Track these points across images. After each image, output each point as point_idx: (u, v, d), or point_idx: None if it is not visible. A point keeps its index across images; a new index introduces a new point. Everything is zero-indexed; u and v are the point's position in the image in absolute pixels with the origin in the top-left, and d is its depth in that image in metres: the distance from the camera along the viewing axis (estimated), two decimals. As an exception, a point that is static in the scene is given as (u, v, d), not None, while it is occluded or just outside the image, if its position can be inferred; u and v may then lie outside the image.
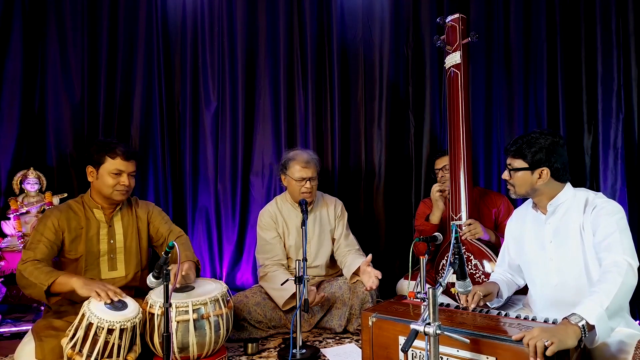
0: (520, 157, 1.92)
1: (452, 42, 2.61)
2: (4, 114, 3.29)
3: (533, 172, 1.90)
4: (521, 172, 1.92)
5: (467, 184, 2.55)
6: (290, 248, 2.86)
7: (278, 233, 2.85)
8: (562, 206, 1.92)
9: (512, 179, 1.96)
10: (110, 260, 2.29)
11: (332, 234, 2.95)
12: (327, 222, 2.93)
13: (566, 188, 1.94)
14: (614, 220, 1.77)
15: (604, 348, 1.68)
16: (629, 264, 1.66)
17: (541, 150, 1.88)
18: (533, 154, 1.89)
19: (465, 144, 2.55)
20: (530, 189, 1.93)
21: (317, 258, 2.89)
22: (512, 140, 1.99)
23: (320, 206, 2.94)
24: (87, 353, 1.83)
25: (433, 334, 1.42)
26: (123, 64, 3.48)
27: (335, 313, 2.70)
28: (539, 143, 1.89)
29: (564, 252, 1.90)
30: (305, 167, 2.74)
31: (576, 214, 1.88)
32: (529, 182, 1.92)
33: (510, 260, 2.16)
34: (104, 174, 2.22)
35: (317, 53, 3.56)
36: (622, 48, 2.99)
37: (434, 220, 2.73)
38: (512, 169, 1.95)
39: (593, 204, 1.85)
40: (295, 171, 2.74)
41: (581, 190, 1.95)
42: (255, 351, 2.41)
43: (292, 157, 2.79)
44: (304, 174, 2.73)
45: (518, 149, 1.92)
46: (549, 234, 1.95)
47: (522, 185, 1.94)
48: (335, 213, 2.96)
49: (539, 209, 2.00)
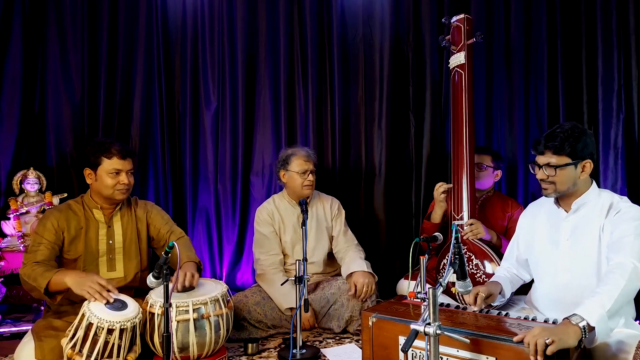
0: (562, 152, 1.82)
1: (457, 43, 2.60)
2: (4, 114, 3.28)
3: (577, 166, 1.84)
4: (565, 168, 1.83)
5: (469, 184, 2.54)
6: (286, 244, 2.89)
7: (275, 229, 2.88)
8: (586, 205, 1.90)
9: (556, 176, 1.85)
10: (109, 261, 2.28)
11: (329, 232, 2.97)
12: (323, 219, 2.96)
13: (592, 187, 1.91)
14: (634, 225, 1.75)
15: (605, 348, 1.68)
16: (634, 266, 1.65)
17: (583, 141, 1.82)
18: (576, 147, 1.81)
19: (468, 144, 2.55)
20: (572, 185, 1.86)
21: (314, 255, 2.91)
22: (547, 135, 1.87)
23: (316, 204, 2.98)
24: (87, 353, 1.83)
25: (433, 334, 1.42)
26: (123, 64, 3.48)
27: (334, 314, 2.70)
28: (578, 135, 1.82)
29: (579, 251, 1.88)
30: (307, 160, 2.83)
31: (598, 216, 1.86)
32: (572, 178, 1.85)
33: (518, 255, 2.14)
34: (103, 175, 2.21)
35: (317, 53, 3.55)
36: (622, 48, 2.98)
37: (435, 219, 2.72)
38: (554, 166, 1.84)
39: (617, 207, 1.82)
40: (298, 165, 2.81)
41: (605, 192, 1.93)
42: (255, 351, 2.40)
43: (293, 152, 2.87)
44: (307, 166, 2.81)
45: (561, 143, 1.81)
46: (566, 231, 1.92)
47: (564, 183, 1.86)
48: (332, 212, 3.00)
49: (562, 205, 1.96)
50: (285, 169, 2.85)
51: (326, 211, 2.99)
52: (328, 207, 3.00)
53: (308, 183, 2.80)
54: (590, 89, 3.08)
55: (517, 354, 1.51)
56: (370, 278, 2.65)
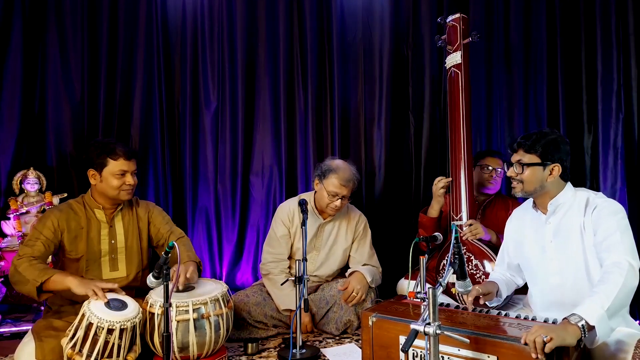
0: (533, 151, 1.89)
1: (453, 42, 2.61)
2: (4, 114, 3.28)
3: (545, 168, 1.88)
4: (533, 167, 1.89)
5: (468, 185, 2.55)
6: (298, 250, 2.77)
7: (289, 231, 2.76)
8: (563, 206, 1.92)
9: (523, 174, 1.91)
10: (112, 261, 2.29)
11: (346, 252, 2.84)
12: (343, 237, 2.81)
13: (567, 187, 1.93)
14: (615, 220, 1.77)
15: (604, 347, 1.68)
16: (630, 265, 1.66)
17: (555, 146, 1.87)
18: (548, 149, 1.87)
19: (466, 144, 2.55)
20: (539, 186, 1.90)
21: (321, 269, 2.81)
22: (522, 136, 1.94)
23: (341, 217, 2.81)
24: (87, 353, 1.83)
25: (433, 333, 1.42)
26: (123, 64, 3.47)
27: (332, 317, 2.67)
28: (552, 139, 1.88)
29: (565, 252, 1.90)
30: (343, 185, 2.59)
31: (577, 214, 1.88)
32: (539, 179, 1.89)
33: (509, 261, 2.16)
34: (108, 176, 2.21)
35: (317, 53, 3.56)
36: (622, 48, 2.99)
37: (432, 214, 2.71)
38: (523, 164, 1.90)
39: (594, 204, 1.84)
40: (332, 185, 2.59)
41: (581, 190, 1.94)
42: (255, 351, 2.41)
43: (334, 169, 2.61)
44: (340, 190, 2.59)
45: (533, 143, 1.88)
46: (549, 234, 1.94)
47: (531, 182, 1.90)
48: (357, 232, 2.83)
49: (539, 208, 1.99)
50: (320, 181, 2.65)
51: (350, 229, 2.81)
52: (354, 225, 2.81)
53: (333, 207, 2.61)
54: (589, 89, 3.09)
55: (518, 352, 1.51)
56: (364, 286, 2.63)
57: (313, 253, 2.79)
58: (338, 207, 2.62)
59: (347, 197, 2.63)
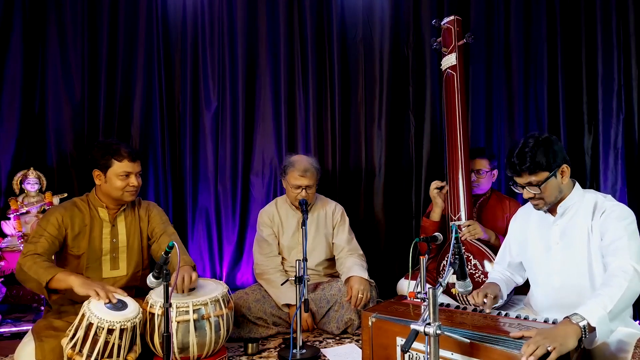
0: (539, 169, 1.82)
1: (447, 44, 2.62)
2: (4, 114, 3.28)
3: (556, 175, 1.84)
4: (547, 182, 1.83)
5: (465, 185, 2.55)
6: (284, 247, 2.90)
7: (274, 232, 2.89)
8: (572, 208, 1.90)
9: (542, 192, 1.85)
10: (113, 259, 2.29)
11: (329, 239, 2.94)
12: (323, 225, 2.93)
13: (575, 188, 1.92)
14: (623, 224, 1.76)
15: (604, 347, 1.68)
16: (635, 270, 1.65)
17: (552, 149, 1.83)
18: (549, 157, 1.81)
19: (463, 145, 2.55)
20: (558, 193, 1.88)
21: (310, 259, 2.83)
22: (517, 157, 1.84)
23: (318, 209, 2.95)
24: (87, 353, 1.83)
25: (433, 334, 1.42)
26: (123, 64, 3.48)
27: (333, 315, 2.69)
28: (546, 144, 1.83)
29: (570, 255, 1.89)
30: (302, 175, 2.72)
31: (584, 217, 1.86)
32: (556, 187, 1.86)
33: (511, 259, 2.16)
34: (113, 177, 2.22)
35: (317, 53, 3.55)
36: (622, 48, 2.99)
37: (434, 218, 2.73)
38: (538, 184, 1.83)
39: (602, 207, 1.83)
40: (292, 178, 2.75)
41: (589, 192, 1.93)
42: (255, 351, 2.41)
43: (292, 164, 2.78)
44: (300, 182, 2.73)
45: (533, 162, 1.80)
46: (556, 235, 1.93)
47: (551, 194, 1.86)
48: (335, 219, 2.95)
49: (548, 210, 1.97)
50: (284, 178, 2.83)
51: (327, 217, 2.94)
52: (330, 213, 2.95)
53: (299, 197, 2.71)
54: (590, 89, 3.08)
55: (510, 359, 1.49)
56: (366, 285, 2.64)
57: (298, 248, 2.83)
58: (304, 196, 2.72)
59: (311, 186, 2.76)
